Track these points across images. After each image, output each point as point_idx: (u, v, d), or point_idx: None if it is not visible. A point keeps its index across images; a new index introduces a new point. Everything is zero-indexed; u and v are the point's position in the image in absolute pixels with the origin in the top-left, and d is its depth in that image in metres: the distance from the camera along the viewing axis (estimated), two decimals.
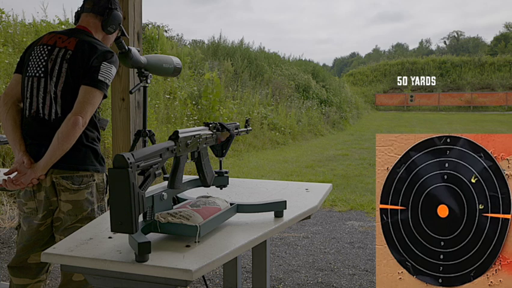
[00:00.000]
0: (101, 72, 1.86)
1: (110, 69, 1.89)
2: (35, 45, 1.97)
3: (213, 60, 14.18)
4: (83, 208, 1.90)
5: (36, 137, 1.87)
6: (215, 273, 3.31)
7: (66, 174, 1.87)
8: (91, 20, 1.99)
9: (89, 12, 1.98)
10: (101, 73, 1.86)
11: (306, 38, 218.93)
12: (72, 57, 1.89)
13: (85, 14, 2.00)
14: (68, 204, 1.88)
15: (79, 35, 1.95)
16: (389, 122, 19.35)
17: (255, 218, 1.61)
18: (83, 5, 2.02)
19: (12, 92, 1.95)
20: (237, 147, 9.64)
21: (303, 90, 16.39)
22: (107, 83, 1.89)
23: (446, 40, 74.29)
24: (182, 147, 1.41)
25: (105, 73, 1.87)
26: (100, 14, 1.98)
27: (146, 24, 13.59)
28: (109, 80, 1.90)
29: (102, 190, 2.00)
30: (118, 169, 1.12)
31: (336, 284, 3.17)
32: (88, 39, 1.93)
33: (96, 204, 1.96)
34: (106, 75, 1.88)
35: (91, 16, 1.99)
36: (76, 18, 2.05)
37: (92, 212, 1.93)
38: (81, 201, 1.90)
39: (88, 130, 1.92)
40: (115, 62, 1.93)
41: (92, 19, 1.99)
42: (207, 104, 9.84)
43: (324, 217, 4.92)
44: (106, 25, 1.99)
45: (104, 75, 1.87)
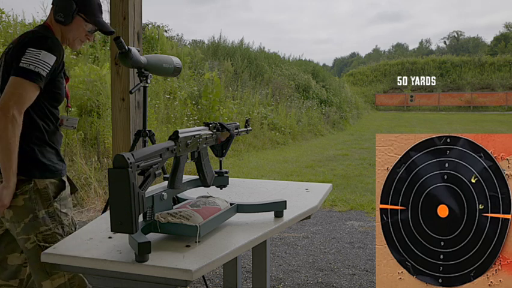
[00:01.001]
0: (25, 58, 1.62)
1: (37, 55, 1.63)
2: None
3: (213, 60, 14.17)
4: (23, 215, 1.71)
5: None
6: (215, 273, 3.31)
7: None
8: (51, 14, 1.82)
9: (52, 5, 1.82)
10: (23, 59, 1.62)
11: (306, 38, 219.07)
12: (8, 51, 1.73)
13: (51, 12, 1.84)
14: (9, 210, 1.72)
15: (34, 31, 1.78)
16: (389, 122, 19.35)
17: (255, 218, 1.61)
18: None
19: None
20: (237, 147, 9.64)
21: (303, 90, 16.39)
22: (32, 70, 1.62)
23: (446, 40, 74.32)
24: (182, 147, 1.41)
25: (29, 59, 1.62)
26: (53, 3, 1.80)
27: (146, 24, 13.59)
28: (36, 66, 1.63)
29: (48, 196, 1.75)
30: (118, 169, 1.12)
31: (336, 284, 3.17)
32: (31, 31, 1.77)
33: (42, 211, 1.74)
34: (31, 61, 1.62)
35: (52, 9, 1.81)
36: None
37: (36, 220, 1.72)
38: (19, 208, 1.71)
39: (25, 131, 1.67)
40: (48, 47, 1.67)
41: (51, 12, 1.81)
42: (207, 104, 9.84)
43: (324, 217, 4.92)
44: (55, 13, 1.77)
45: (28, 61, 1.62)
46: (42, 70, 1.64)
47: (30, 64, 1.62)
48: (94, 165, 5.77)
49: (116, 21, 2.84)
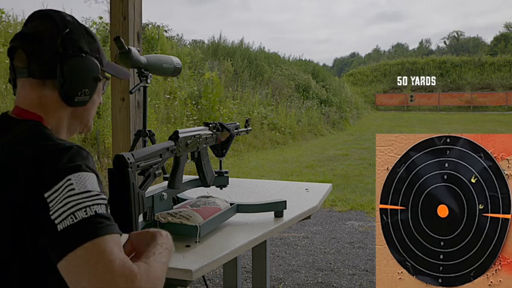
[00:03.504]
0: (54, 207, 0.83)
1: (81, 184, 0.87)
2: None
3: (213, 60, 14.17)
4: None
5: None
6: (215, 273, 3.31)
7: None
8: (32, 94, 1.00)
9: (26, 77, 1.00)
10: (54, 213, 0.83)
11: (306, 38, 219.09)
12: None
13: (21, 82, 1.02)
14: None
15: (12, 134, 0.97)
16: (389, 122, 19.34)
17: (255, 218, 1.61)
18: (11, 61, 1.03)
19: None
20: (237, 147, 9.64)
21: (303, 90, 16.39)
22: (90, 220, 0.84)
23: (446, 40, 74.34)
24: (182, 147, 1.41)
25: (73, 202, 0.84)
26: (47, 76, 0.99)
27: (146, 24, 13.59)
28: (93, 208, 0.85)
29: None
30: (118, 169, 1.13)
31: (336, 284, 3.17)
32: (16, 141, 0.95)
33: None
34: (79, 205, 0.84)
35: (30, 85, 1.00)
36: (13, 86, 1.06)
37: None
38: None
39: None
40: (84, 159, 0.91)
41: (34, 91, 1.00)
42: (207, 104, 9.84)
43: (324, 217, 4.92)
44: (69, 94, 1.01)
45: (74, 209, 0.83)
46: (97, 208, 0.87)
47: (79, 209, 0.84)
48: None
49: (116, 21, 2.84)
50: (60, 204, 0.84)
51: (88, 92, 1.04)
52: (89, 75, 1.03)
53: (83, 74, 1.02)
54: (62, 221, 0.83)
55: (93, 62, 1.04)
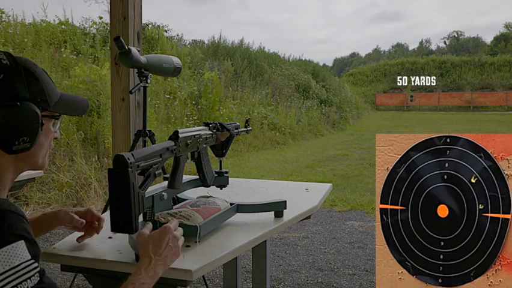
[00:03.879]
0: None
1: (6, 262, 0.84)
2: None
3: (213, 60, 14.17)
4: None
5: None
6: (215, 273, 3.31)
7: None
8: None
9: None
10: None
11: (306, 38, 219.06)
12: None
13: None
14: None
15: None
16: (389, 122, 19.34)
17: (255, 218, 1.61)
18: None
19: None
20: (237, 147, 9.64)
21: (303, 90, 16.40)
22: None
23: (446, 40, 74.36)
24: (182, 147, 1.41)
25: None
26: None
27: (146, 24, 13.59)
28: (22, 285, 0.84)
29: None
30: (118, 169, 1.12)
31: (336, 284, 3.17)
32: None
33: None
34: (7, 285, 0.83)
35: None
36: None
37: None
38: None
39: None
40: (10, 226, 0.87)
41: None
42: (207, 104, 9.84)
43: (324, 217, 4.92)
44: (5, 143, 0.96)
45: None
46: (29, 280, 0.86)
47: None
48: (94, 165, 5.77)
49: (116, 21, 2.84)
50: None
51: (28, 139, 0.97)
52: (26, 124, 0.96)
53: (19, 123, 0.95)
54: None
55: (30, 110, 0.96)
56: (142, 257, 1.09)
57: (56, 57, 8.55)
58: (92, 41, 10.12)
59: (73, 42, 9.86)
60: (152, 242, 1.12)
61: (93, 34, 10.90)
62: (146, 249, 1.09)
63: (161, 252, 1.11)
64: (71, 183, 5.32)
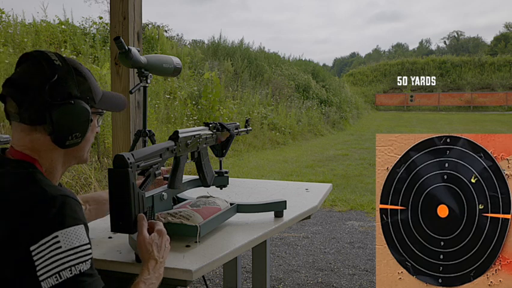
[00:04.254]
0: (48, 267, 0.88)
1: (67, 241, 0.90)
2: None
3: (212, 60, 14.17)
4: None
5: None
6: (215, 273, 3.31)
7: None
8: (25, 138, 1.03)
9: (18, 122, 1.02)
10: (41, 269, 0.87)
11: (306, 38, 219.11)
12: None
13: (14, 125, 1.04)
14: None
15: (2, 175, 0.99)
16: (389, 122, 19.34)
17: (255, 218, 1.61)
18: (5, 105, 1.04)
19: None
20: (237, 147, 9.63)
21: (303, 90, 16.40)
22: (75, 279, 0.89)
23: (446, 40, 74.36)
24: (182, 147, 1.41)
25: (59, 261, 0.88)
26: (37, 123, 1.01)
27: (146, 24, 13.60)
28: (78, 267, 0.90)
29: None
30: (118, 169, 1.12)
31: (336, 284, 3.17)
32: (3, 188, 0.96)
33: None
34: (64, 264, 0.88)
35: (22, 130, 1.03)
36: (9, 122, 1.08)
37: None
38: None
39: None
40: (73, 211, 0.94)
41: (26, 135, 1.03)
42: (207, 104, 9.84)
43: (324, 217, 4.92)
44: (60, 137, 1.02)
45: (59, 269, 0.88)
46: (84, 264, 0.92)
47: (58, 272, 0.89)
48: (94, 165, 5.77)
49: (116, 21, 2.84)
50: (46, 262, 0.87)
51: (80, 135, 1.06)
52: (79, 121, 1.04)
53: (73, 120, 1.03)
54: (46, 279, 0.87)
55: (82, 107, 1.04)
56: (147, 259, 1.12)
57: None
58: (92, 41, 10.13)
59: (73, 42, 9.87)
60: (156, 244, 1.15)
61: (93, 34, 10.91)
62: (151, 252, 1.13)
63: (163, 255, 1.15)
64: (71, 183, 5.32)
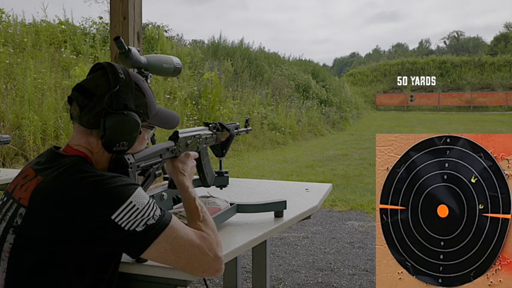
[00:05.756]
0: (135, 223, 1.04)
1: (140, 202, 1.07)
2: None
3: (212, 60, 14.17)
4: None
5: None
6: None
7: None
8: (82, 139, 1.15)
9: (78, 124, 1.15)
10: (134, 222, 1.04)
11: (306, 38, 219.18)
12: (24, 223, 1.04)
13: (75, 126, 1.17)
14: None
15: (56, 167, 1.09)
16: (389, 122, 19.35)
17: (255, 218, 1.61)
18: (70, 108, 1.18)
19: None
20: (237, 147, 9.64)
21: (303, 90, 16.40)
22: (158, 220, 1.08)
23: (446, 40, 74.41)
24: (182, 147, 1.41)
25: (140, 218, 1.05)
26: (94, 127, 1.13)
27: (146, 24, 13.60)
28: (155, 215, 1.09)
29: None
30: (118, 169, 1.12)
31: (336, 284, 3.17)
32: (60, 178, 1.06)
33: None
34: (145, 218, 1.06)
35: (80, 131, 1.15)
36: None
37: None
38: None
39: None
40: (129, 179, 1.11)
41: (83, 137, 1.15)
42: (207, 104, 9.84)
43: (324, 217, 4.92)
44: (110, 142, 1.12)
45: (143, 221, 1.05)
46: (157, 210, 1.11)
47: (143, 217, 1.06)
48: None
49: (116, 21, 2.84)
50: (131, 221, 1.04)
51: (127, 144, 1.15)
52: (128, 131, 1.14)
53: (122, 129, 1.12)
54: (137, 227, 1.04)
55: (134, 120, 1.14)
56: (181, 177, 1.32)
57: (56, 57, 8.56)
58: (92, 41, 10.13)
59: (73, 42, 9.87)
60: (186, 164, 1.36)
61: (93, 34, 10.91)
62: (183, 171, 1.34)
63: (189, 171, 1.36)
64: None
